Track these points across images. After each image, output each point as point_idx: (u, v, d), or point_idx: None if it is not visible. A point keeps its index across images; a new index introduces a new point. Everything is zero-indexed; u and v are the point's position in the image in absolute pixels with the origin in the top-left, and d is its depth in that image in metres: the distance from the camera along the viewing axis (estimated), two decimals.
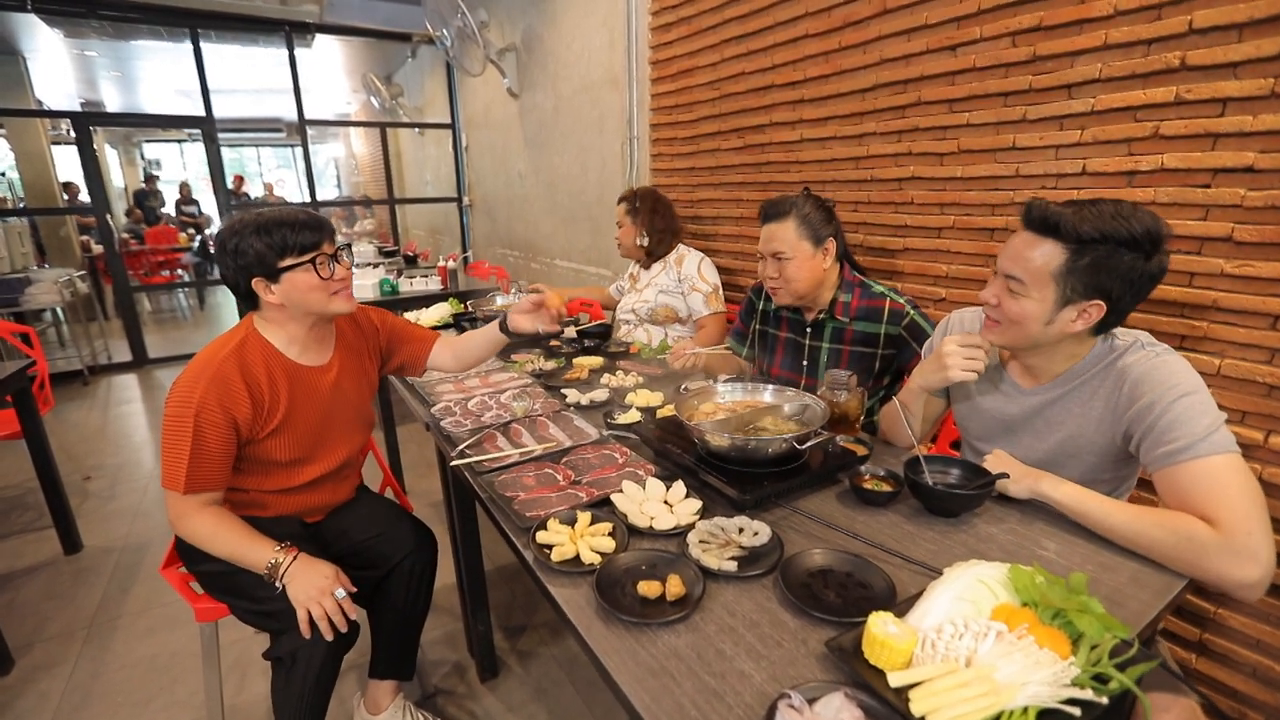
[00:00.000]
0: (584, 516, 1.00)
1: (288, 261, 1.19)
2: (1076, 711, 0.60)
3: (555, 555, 0.92)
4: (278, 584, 1.15)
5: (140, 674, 1.83)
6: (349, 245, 1.36)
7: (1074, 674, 0.63)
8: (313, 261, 1.21)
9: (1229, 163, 1.21)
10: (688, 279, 2.30)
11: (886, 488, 1.07)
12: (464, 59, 4.33)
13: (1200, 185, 1.26)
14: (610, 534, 0.97)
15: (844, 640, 0.72)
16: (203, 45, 4.73)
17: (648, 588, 0.83)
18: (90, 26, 4.82)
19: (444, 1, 4.01)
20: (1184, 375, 0.95)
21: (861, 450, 1.20)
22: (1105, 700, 0.61)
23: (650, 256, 2.40)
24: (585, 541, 0.94)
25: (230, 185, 9.08)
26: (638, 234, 2.37)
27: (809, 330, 1.61)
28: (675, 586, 0.82)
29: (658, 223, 2.37)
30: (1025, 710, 0.60)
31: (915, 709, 0.61)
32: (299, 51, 5.28)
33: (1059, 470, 1.09)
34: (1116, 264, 0.94)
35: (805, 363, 1.63)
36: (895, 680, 0.65)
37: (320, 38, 5.47)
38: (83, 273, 5.15)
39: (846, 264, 1.59)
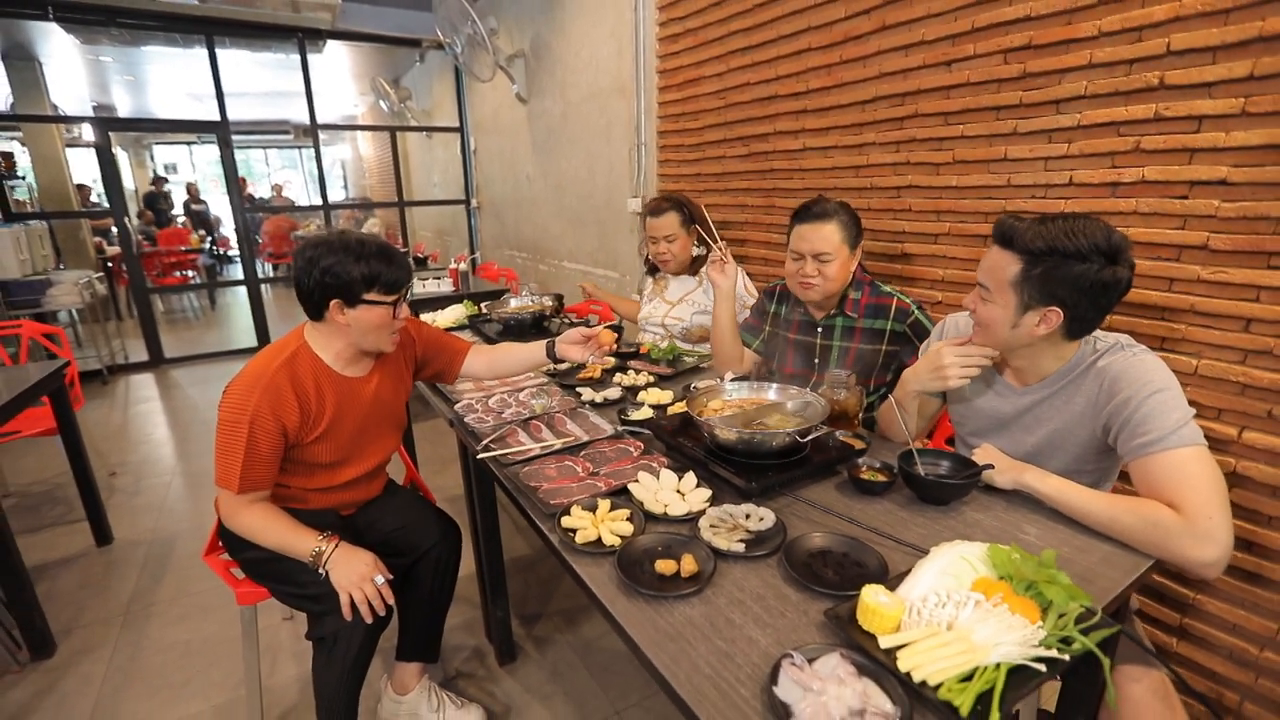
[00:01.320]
0: (604, 504, 1.09)
1: (372, 296, 1.26)
2: (1042, 668, 0.69)
3: (579, 538, 1.01)
4: (321, 570, 1.25)
5: (176, 658, 1.93)
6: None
7: (1041, 636, 0.72)
8: (394, 304, 1.29)
9: (1204, 176, 1.29)
10: (740, 298, 2.07)
11: (882, 478, 1.16)
12: (474, 65, 4.43)
13: (1178, 197, 1.34)
14: (629, 519, 1.06)
15: (840, 610, 0.81)
16: (218, 52, 4.85)
17: (664, 566, 0.92)
18: (108, 34, 4.92)
19: (455, 9, 4.10)
20: (1157, 373, 1.04)
21: (859, 444, 1.28)
22: (1067, 658, 0.70)
23: (694, 264, 2.29)
24: (606, 526, 1.03)
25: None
26: (693, 244, 2.25)
27: (819, 330, 1.69)
28: (689, 565, 0.92)
29: (702, 232, 2.23)
30: (998, 666, 0.69)
31: (902, 665, 0.70)
32: (309, 57, 5.38)
33: (1045, 462, 1.18)
34: (1066, 274, 1.03)
35: (816, 360, 1.71)
36: (885, 642, 0.74)
37: (330, 42, 5.57)
38: (99, 274, 5.26)
39: (860, 267, 1.68)
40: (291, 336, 1.36)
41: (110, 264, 6.90)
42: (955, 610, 0.76)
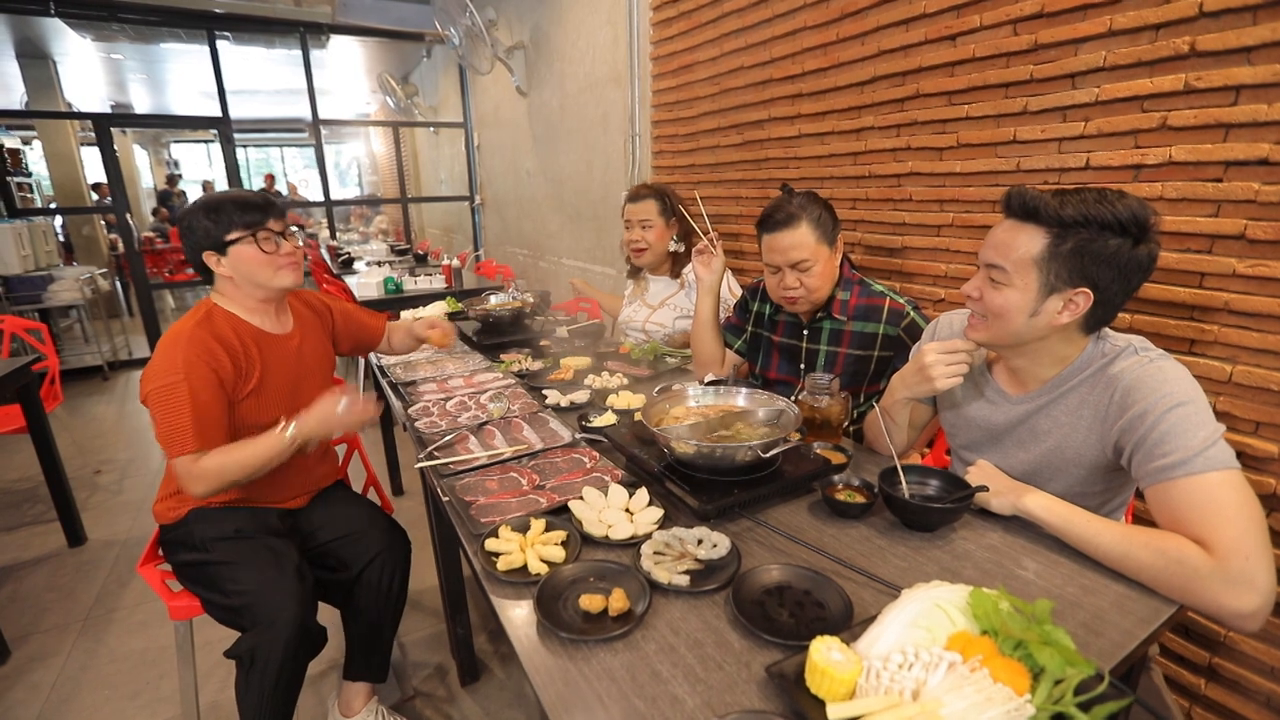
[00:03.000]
0: (538, 524, 0.96)
1: (233, 235, 1.29)
2: None
3: (501, 564, 0.88)
4: (309, 447, 1.29)
5: (129, 668, 1.84)
6: (300, 228, 1.44)
7: (1029, 712, 0.58)
8: (254, 236, 1.30)
9: (1242, 155, 1.13)
10: (724, 301, 1.92)
11: (860, 499, 1.01)
12: (472, 58, 4.34)
13: (1211, 179, 1.18)
14: (562, 543, 0.93)
15: (786, 666, 0.67)
16: (225, 48, 4.82)
17: (589, 602, 0.79)
18: (112, 30, 4.92)
19: (452, 1, 4.01)
20: (1179, 383, 0.88)
21: (839, 458, 1.14)
22: None
23: (675, 264, 2.13)
24: (534, 550, 0.90)
25: (263, 184, 9.31)
26: (672, 238, 2.08)
27: (805, 333, 1.54)
28: (618, 602, 0.78)
29: (685, 225, 2.10)
30: None
31: None
32: (317, 53, 5.34)
33: (1046, 482, 1.03)
34: (1101, 249, 0.88)
35: (802, 365, 1.56)
36: (834, 713, 0.60)
37: (338, 39, 5.53)
38: (104, 270, 5.27)
39: (845, 262, 1.52)
40: (199, 305, 1.35)
41: (121, 261, 6.94)
42: (924, 673, 0.62)
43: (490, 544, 0.92)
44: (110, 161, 4.62)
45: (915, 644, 0.65)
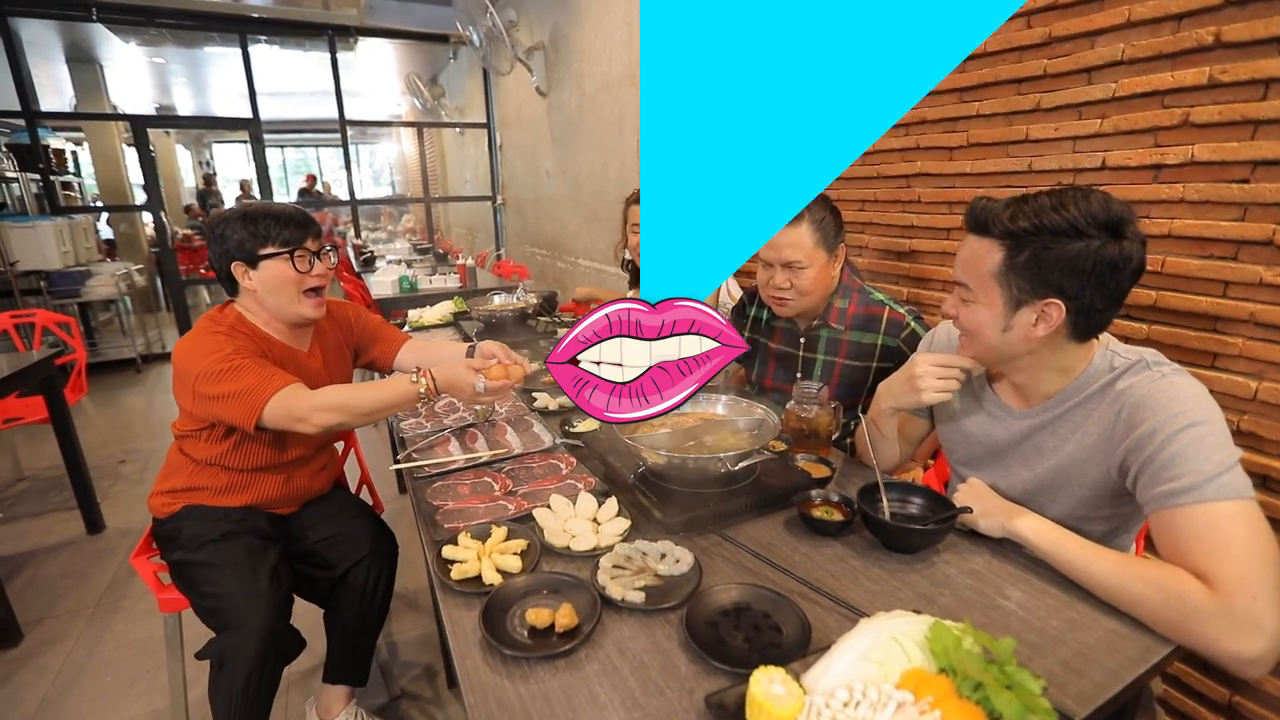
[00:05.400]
0: (498, 532, 0.94)
1: (268, 250, 1.26)
2: None
3: (455, 573, 0.86)
4: (435, 398, 1.21)
5: (132, 655, 1.88)
6: (334, 248, 1.39)
7: None
8: (291, 254, 1.27)
9: (1270, 154, 1.04)
10: (722, 305, 1.99)
11: (838, 516, 0.96)
12: (493, 58, 4.36)
13: (1237, 180, 1.09)
14: (522, 553, 0.90)
15: (727, 696, 0.63)
16: (261, 51, 4.96)
17: (536, 616, 0.76)
18: (152, 34, 5.10)
19: (473, 2, 4.04)
20: (1194, 401, 0.81)
21: (823, 471, 1.09)
22: None
23: None
24: (491, 560, 0.87)
25: (303, 183, 9.58)
26: None
27: (802, 341, 1.49)
28: (565, 617, 0.75)
29: None
30: None
31: None
32: (345, 55, 5.44)
33: (1048, 502, 0.96)
34: (1060, 254, 0.81)
35: (799, 375, 1.51)
36: None
37: (366, 42, 5.63)
38: (139, 266, 5.46)
39: (847, 267, 1.46)
40: (224, 313, 1.31)
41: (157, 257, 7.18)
42: (870, 713, 0.57)
43: (447, 551, 0.90)
44: (146, 161, 4.78)
45: (865, 679, 0.60)
